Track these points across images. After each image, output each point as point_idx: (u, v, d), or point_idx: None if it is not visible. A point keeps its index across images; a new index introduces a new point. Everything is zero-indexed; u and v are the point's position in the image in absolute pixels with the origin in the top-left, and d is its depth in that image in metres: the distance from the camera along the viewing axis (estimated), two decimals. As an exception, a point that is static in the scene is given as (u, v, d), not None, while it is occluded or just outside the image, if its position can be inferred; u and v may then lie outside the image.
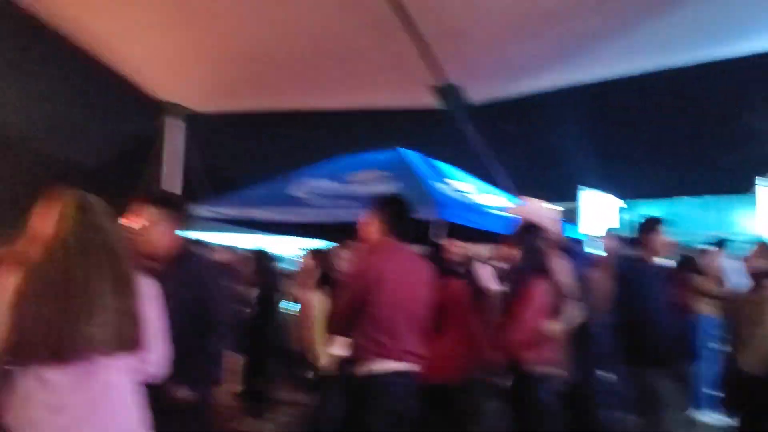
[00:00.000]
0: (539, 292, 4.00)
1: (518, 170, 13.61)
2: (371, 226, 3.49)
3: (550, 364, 4.04)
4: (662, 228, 4.73)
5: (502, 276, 4.86)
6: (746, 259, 6.10)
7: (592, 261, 5.20)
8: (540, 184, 14.15)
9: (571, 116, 12.52)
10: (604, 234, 6.16)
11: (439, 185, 9.43)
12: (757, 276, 4.67)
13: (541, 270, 4.07)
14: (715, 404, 6.75)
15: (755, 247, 5.78)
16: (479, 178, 10.71)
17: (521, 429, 4.15)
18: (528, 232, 4.27)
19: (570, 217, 12.62)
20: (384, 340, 3.29)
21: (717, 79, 10.63)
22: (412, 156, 10.06)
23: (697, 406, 6.82)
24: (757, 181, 12.13)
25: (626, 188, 14.40)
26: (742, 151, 10.77)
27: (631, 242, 4.88)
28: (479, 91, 8.63)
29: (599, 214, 13.79)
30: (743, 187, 12.40)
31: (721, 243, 6.87)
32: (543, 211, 4.59)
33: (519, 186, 11.98)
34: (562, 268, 4.41)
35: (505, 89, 8.91)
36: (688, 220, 14.12)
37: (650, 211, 14.72)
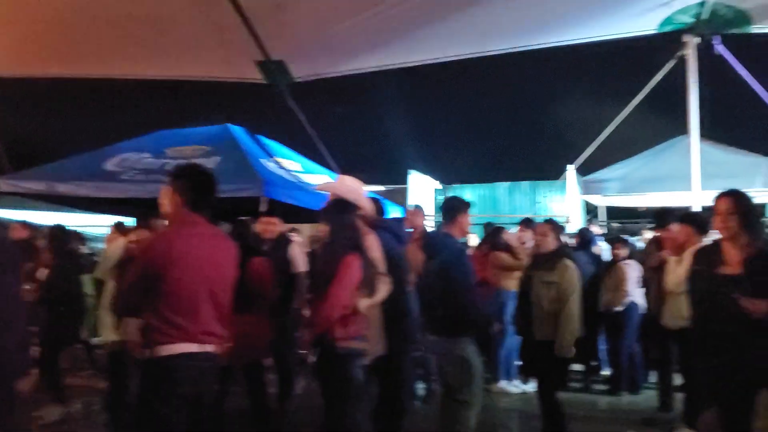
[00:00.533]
0: (350, 268, 3.97)
1: (351, 151, 13.76)
2: (167, 200, 3.28)
3: (359, 340, 4.04)
4: (468, 209, 4.94)
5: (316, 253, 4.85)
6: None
7: (407, 238, 5.33)
8: (373, 166, 14.47)
9: (401, 101, 12.79)
10: (411, 210, 6.35)
11: (265, 162, 9.28)
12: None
13: (353, 246, 4.04)
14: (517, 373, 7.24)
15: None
16: (308, 157, 10.69)
17: (329, 405, 4.13)
18: (339, 208, 4.23)
19: (401, 198, 13.00)
20: (179, 321, 3.10)
21: (531, 70, 11.38)
22: (240, 132, 9.81)
23: (505, 376, 7.25)
24: (567, 168, 13.16)
25: (450, 173, 15.13)
26: (553, 139, 11.59)
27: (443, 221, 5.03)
28: (303, 68, 8.58)
29: (426, 197, 14.36)
30: (554, 174, 13.37)
31: (526, 222, 7.33)
32: (355, 187, 4.57)
33: (351, 167, 12.07)
34: (373, 244, 4.43)
35: (328, 67, 8.91)
36: (504, 203, 15.10)
37: (471, 194, 15.54)
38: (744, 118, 10.39)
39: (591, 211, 14.57)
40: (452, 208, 4.94)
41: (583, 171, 13.97)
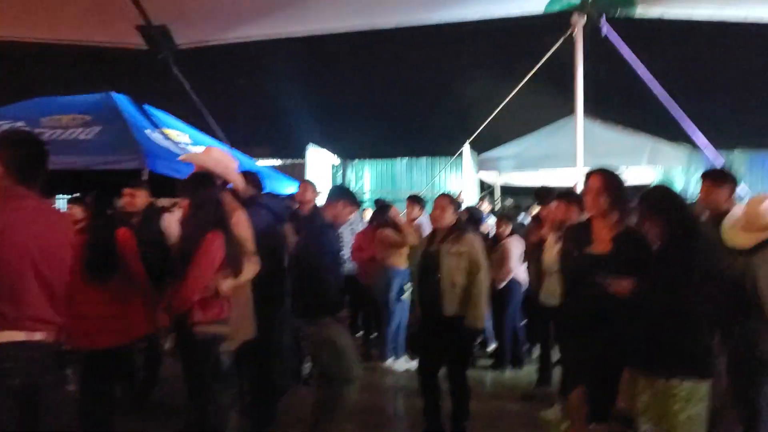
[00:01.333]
0: (210, 246, 3.70)
1: (247, 124, 13.31)
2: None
3: (220, 323, 3.79)
4: (352, 202, 4.72)
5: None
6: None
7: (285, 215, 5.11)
8: (270, 139, 14.07)
9: (300, 73, 12.44)
10: (301, 185, 6.15)
11: (150, 134, 8.79)
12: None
13: (215, 223, 3.77)
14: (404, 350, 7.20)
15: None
16: (199, 130, 10.22)
17: (190, 391, 3.89)
18: (201, 181, 3.94)
19: (300, 173, 12.71)
20: (1, 307, 2.76)
21: (428, 46, 11.31)
22: (123, 101, 9.22)
23: (392, 354, 7.19)
24: (464, 146, 13.24)
25: (349, 148, 14.95)
26: (451, 116, 11.59)
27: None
28: (187, 34, 8.11)
29: (324, 172, 14.13)
30: (452, 150, 13.40)
31: (414, 199, 7.24)
32: (223, 159, 4.28)
33: (246, 140, 11.64)
34: (241, 221, 4.18)
35: (214, 34, 8.46)
36: (402, 179, 15.12)
37: (370, 170, 15.46)
38: (630, 98, 10.67)
39: (487, 188, 14.78)
40: (334, 195, 4.72)
41: (479, 148, 14.14)
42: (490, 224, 8.18)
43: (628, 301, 3.32)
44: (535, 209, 9.64)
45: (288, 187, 9.08)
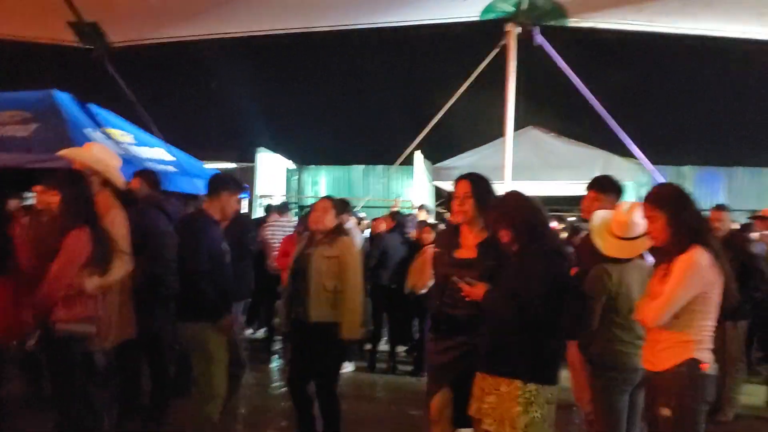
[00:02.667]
0: (75, 243, 3.64)
1: (196, 126, 13.23)
2: None
3: (84, 323, 3.72)
4: (237, 190, 4.63)
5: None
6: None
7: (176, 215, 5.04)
8: (219, 142, 13.98)
9: (250, 75, 12.37)
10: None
11: (90, 133, 8.70)
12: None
13: (83, 220, 3.71)
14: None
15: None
16: (142, 129, 10.12)
17: (54, 393, 3.82)
18: (73, 177, 3.88)
19: (248, 177, 12.63)
20: None
21: (376, 51, 11.32)
22: (65, 99, 9.13)
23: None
24: (415, 154, 13.24)
25: (304, 153, 14.91)
26: (404, 124, 11.58)
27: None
28: (121, 32, 8.04)
29: (277, 176, 14.10)
30: (406, 158, 13.39)
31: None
32: (103, 156, 4.24)
33: (193, 142, 11.56)
34: (117, 220, 4.13)
35: (149, 32, 8.38)
36: (358, 186, 15.10)
37: (326, 176, 15.43)
38: (570, 110, 10.75)
39: (444, 196, 14.79)
40: (213, 187, 4.53)
41: (437, 157, 14.20)
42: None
43: (483, 305, 3.32)
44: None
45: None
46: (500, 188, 8.61)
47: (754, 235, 7.06)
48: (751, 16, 6.73)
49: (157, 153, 9.35)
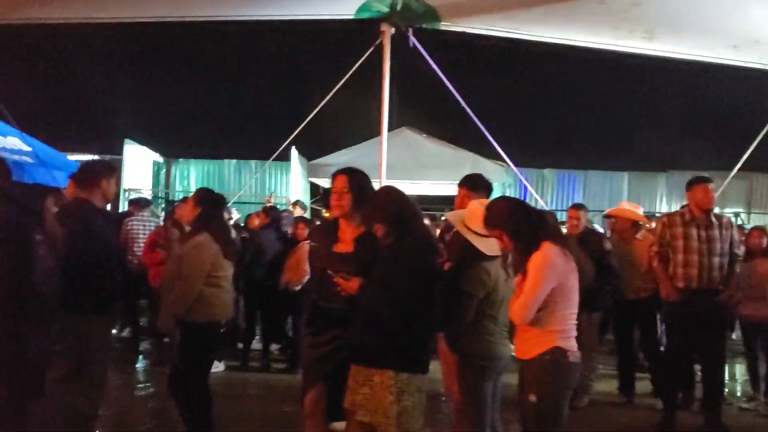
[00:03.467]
0: None
1: (54, 113, 12.40)
2: None
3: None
4: (112, 174, 4.50)
5: None
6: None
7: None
8: (81, 131, 13.20)
9: (117, 64, 11.75)
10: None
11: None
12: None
13: None
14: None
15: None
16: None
17: None
18: None
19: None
20: None
21: (258, 45, 11.18)
22: None
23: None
24: (291, 150, 13.15)
25: (174, 146, 14.40)
26: (279, 119, 11.43)
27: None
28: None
29: (144, 169, 13.51)
30: (281, 155, 13.25)
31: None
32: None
33: (50, 130, 10.80)
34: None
35: (7, 12, 7.74)
36: (231, 181, 14.80)
37: (195, 170, 14.99)
38: (442, 112, 11.10)
39: (319, 193, 14.80)
40: (94, 174, 4.42)
41: (309, 155, 14.18)
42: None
43: (356, 299, 3.37)
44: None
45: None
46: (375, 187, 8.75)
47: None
48: (607, 29, 7.20)
49: (10, 142, 8.69)
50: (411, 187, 15.31)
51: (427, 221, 4.87)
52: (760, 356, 6.51)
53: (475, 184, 4.43)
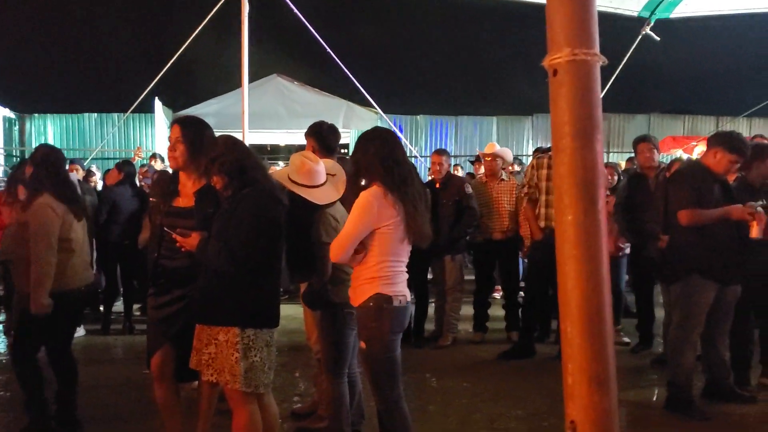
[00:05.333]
0: None
1: None
2: None
3: None
4: None
5: None
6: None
7: None
8: None
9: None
10: None
11: None
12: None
13: None
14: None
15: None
16: None
17: None
18: None
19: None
20: None
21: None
22: None
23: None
24: (155, 101, 12.51)
25: (28, 100, 13.29)
26: (142, 69, 10.72)
27: None
28: None
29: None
30: (146, 107, 12.57)
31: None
32: None
33: None
34: None
35: None
36: (93, 136, 13.92)
37: (53, 125, 13.99)
38: (314, 59, 10.85)
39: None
40: None
41: (177, 106, 13.57)
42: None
43: (195, 255, 3.22)
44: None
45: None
46: (239, 137, 8.50)
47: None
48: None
49: None
50: (285, 137, 15.11)
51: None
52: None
53: (321, 134, 4.36)
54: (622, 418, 4.47)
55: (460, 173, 10.42)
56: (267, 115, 13.17)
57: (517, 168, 9.09)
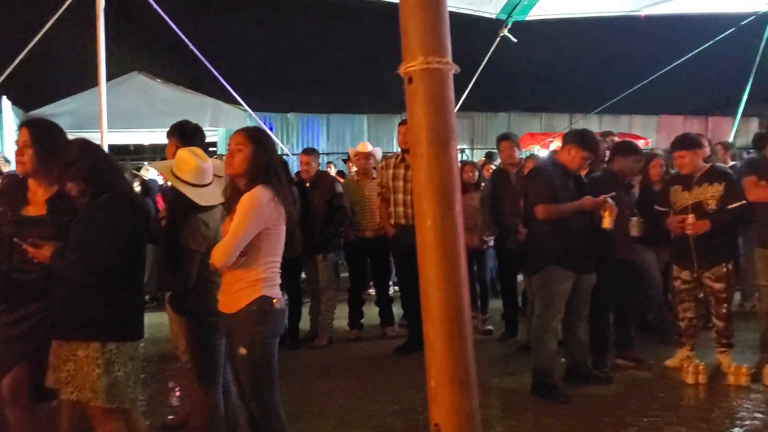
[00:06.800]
0: None
1: None
2: None
3: None
4: None
5: None
6: None
7: None
8: None
9: None
10: None
11: None
12: None
13: None
14: None
15: None
16: None
17: None
18: None
19: None
20: None
21: None
22: None
23: None
24: (2, 100, 11.57)
25: None
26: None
27: None
28: None
29: None
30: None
31: None
32: None
33: None
34: None
35: None
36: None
37: None
38: (179, 57, 10.50)
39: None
40: None
41: (28, 106, 12.67)
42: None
43: (50, 267, 3.02)
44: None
45: None
46: (96, 138, 8.06)
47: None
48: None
49: None
50: (148, 136, 14.48)
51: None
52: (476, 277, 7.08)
53: (186, 134, 4.19)
54: (491, 406, 4.67)
55: (332, 171, 10.45)
56: (128, 115, 12.57)
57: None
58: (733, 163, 6.96)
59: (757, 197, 4.90)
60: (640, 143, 11.11)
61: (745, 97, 10.22)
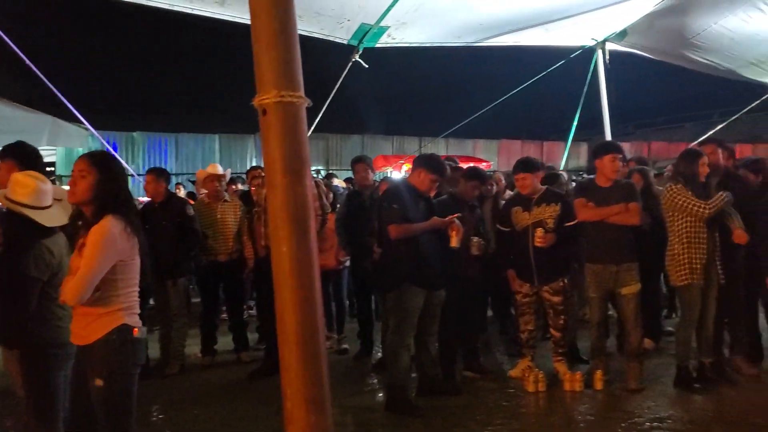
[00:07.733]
0: None
1: None
2: None
3: None
4: None
5: None
6: None
7: None
8: None
9: None
10: None
11: None
12: None
13: None
14: None
15: None
16: None
17: None
18: None
19: None
20: None
21: None
22: None
23: None
24: None
25: None
26: None
27: None
28: None
29: None
30: None
31: None
32: None
33: None
34: None
35: None
36: None
37: None
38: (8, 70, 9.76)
39: None
40: None
41: None
42: None
43: None
44: None
45: None
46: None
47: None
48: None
49: None
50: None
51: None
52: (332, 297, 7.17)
53: (26, 157, 3.93)
54: (347, 424, 4.73)
55: (182, 193, 10.13)
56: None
57: (241, 187, 9.12)
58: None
59: (585, 217, 5.37)
60: (483, 165, 11.80)
61: (575, 123, 11.13)
